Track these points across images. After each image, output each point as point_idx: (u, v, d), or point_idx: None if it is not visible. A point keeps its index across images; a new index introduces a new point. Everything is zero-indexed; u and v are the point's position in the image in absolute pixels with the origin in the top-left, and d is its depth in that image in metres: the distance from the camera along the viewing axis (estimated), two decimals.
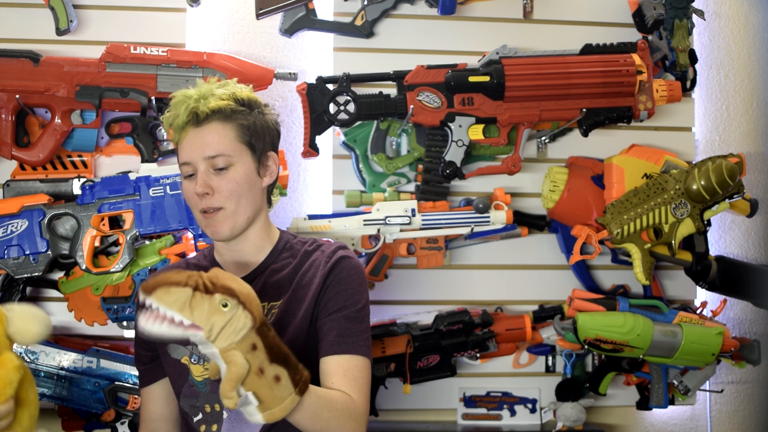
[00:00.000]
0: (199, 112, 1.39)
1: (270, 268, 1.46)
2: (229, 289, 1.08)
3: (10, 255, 1.77)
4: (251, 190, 1.43)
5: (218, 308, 1.06)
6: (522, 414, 2.04)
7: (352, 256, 1.45)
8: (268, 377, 1.11)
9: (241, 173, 1.41)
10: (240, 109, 1.42)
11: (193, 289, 1.05)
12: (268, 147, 1.47)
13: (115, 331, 1.90)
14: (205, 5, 1.97)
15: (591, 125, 1.93)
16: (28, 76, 1.80)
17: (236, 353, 1.08)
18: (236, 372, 1.07)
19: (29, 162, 1.84)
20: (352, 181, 2.00)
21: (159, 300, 1.04)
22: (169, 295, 1.04)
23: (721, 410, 2.18)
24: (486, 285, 2.05)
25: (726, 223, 2.18)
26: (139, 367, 1.53)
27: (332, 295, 1.40)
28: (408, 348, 1.89)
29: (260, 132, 1.44)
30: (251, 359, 1.09)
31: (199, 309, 1.05)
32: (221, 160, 1.39)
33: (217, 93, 1.41)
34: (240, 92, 1.44)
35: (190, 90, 1.43)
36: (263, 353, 1.11)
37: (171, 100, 1.44)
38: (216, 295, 1.07)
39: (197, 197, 1.40)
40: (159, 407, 1.50)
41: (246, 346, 1.09)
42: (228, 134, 1.40)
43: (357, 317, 1.40)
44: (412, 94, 1.90)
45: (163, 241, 1.84)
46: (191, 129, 1.40)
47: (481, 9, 2.07)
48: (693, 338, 1.86)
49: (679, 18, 2.04)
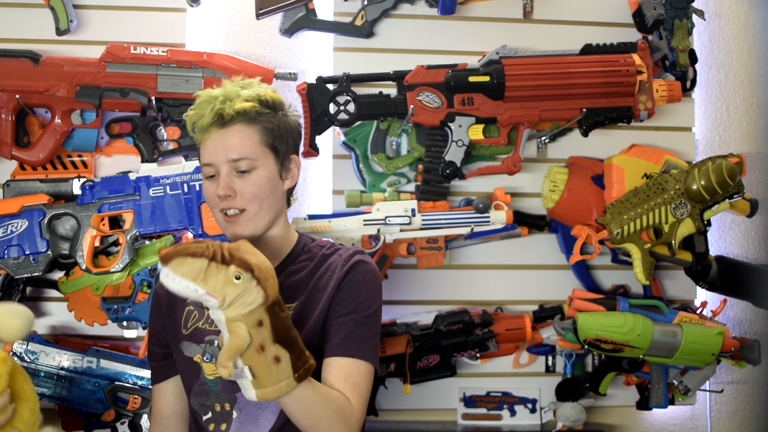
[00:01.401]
0: (225, 113, 1.38)
1: (287, 270, 1.45)
2: (245, 263, 1.10)
3: (10, 255, 1.77)
4: (273, 193, 1.42)
5: (231, 279, 1.09)
6: (522, 414, 2.04)
7: (368, 261, 1.45)
8: (268, 356, 1.13)
9: (264, 177, 1.40)
10: (265, 111, 1.41)
11: (210, 259, 1.08)
12: (291, 150, 1.46)
13: (115, 331, 1.90)
14: (205, 5, 1.97)
15: (591, 125, 1.93)
16: (28, 76, 1.80)
17: (240, 325, 1.11)
18: (236, 343, 1.10)
19: (29, 162, 1.84)
20: (352, 181, 2.00)
21: (174, 270, 1.08)
22: (184, 265, 1.07)
23: (721, 410, 2.18)
24: (486, 285, 2.05)
25: (726, 223, 2.18)
26: (151, 363, 1.53)
27: (344, 297, 1.40)
28: (408, 348, 1.89)
29: (284, 135, 1.43)
30: (254, 334, 1.12)
31: (214, 279, 1.08)
32: (245, 164, 1.38)
33: (243, 94, 1.39)
34: (265, 93, 1.42)
35: (215, 90, 1.41)
36: (268, 331, 1.13)
37: (195, 98, 1.43)
38: (231, 266, 1.09)
39: (218, 198, 1.40)
40: (171, 404, 1.50)
41: (252, 320, 1.11)
42: (252, 137, 1.39)
43: (366, 322, 1.39)
44: (412, 94, 1.90)
45: (163, 241, 1.84)
46: (215, 130, 1.39)
47: (481, 9, 2.07)
48: (693, 338, 1.86)
49: (679, 18, 2.04)
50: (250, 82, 1.45)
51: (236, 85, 1.43)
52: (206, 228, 1.80)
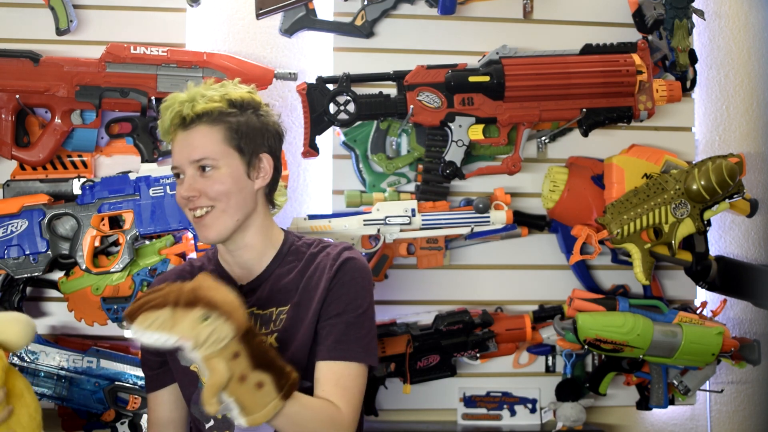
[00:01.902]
0: (185, 115, 1.37)
1: (275, 273, 1.45)
2: (209, 302, 1.11)
3: (10, 255, 1.77)
4: (241, 192, 1.40)
5: (199, 321, 1.10)
6: (522, 414, 2.04)
7: (357, 257, 1.44)
8: (250, 384, 1.15)
9: (227, 175, 1.38)
10: (230, 111, 1.39)
11: (174, 306, 1.09)
12: (261, 149, 1.42)
13: (115, 331, 1.90)
14: (205, 5, 1.97)
15: (591, 125, 1.93)
16: (28, 76, 1.80)
17: (218, 361, 1.12)
18: (217, 380, 1.12)
19: (29, 162, 1.84)
20: (352, 181, 2.00)
21: (141, 326, 1.09)
22: (149, 320, 1.09)
23: (721, 410, 2.18)
24: (486, 285, 2.05)
25: (726, 223, 2.18)
26: (146, 372, 1.52)
27: (334, 298, 1.39)
28: (408, 348, 1.89)
29: (252, 134, 1.40)
30: (233, 367, 1.13)
31: (181, 325, 1.10)
32: (207, 162, 1.37)
33: (207, 95, 1.38)
34: (233, 93, 1.41)
35: (181, 93, 1.41)
36: (246, 360, 1.14)
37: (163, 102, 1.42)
38: (196, 309, 1.10)
39: (184, 200, 1.39)
40: (167, 412, 1.49)
41: (228, 354, 1.13)
42: (214, 137, 1.37)
43: (357, 322, 1.39)
44: (412, 94, 1.89)
45: (163, 241, 1.84)
46: (179, 132, 1.39)
47: (481, 9, 2.07)
48: (693, 338, 1.86)
49: (679, 18, 2.04)
50: (224, 83, 1.44)
51: (202, 86, 1.42)
52: None
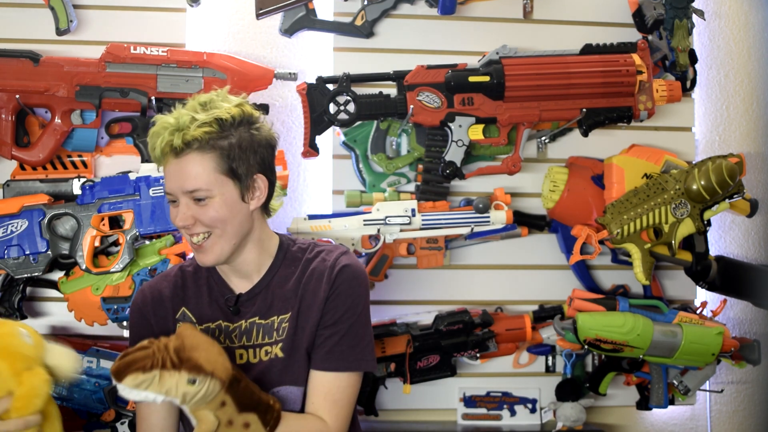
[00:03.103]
0: (175, 145, 1.33)
1: (273, 281, 1.46)
2: (195, 366, 1.18)
3: (10, 255, 1.77)
4: (236, 217, 1.38)
5: (185, 383, 1.17)
6: (522, 414, 2.04)
7: (353, 263, 1.45)
8: (238, 426, 1.24)
9: (221, 204, 1.36)
10: (221, 135, 1.34)
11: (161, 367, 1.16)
12: (254, 169, 1.39)
13: (115, 331, 1.90)
14: (205, 5, 1.97)
15: (591, 125, 1.93)
16: (28, 76, 1.80)
17: (206, 413, 1.21)
18: (206, 429, 1.20)
19: (29, 162, 1.84)
20: (352, 181, 2.00)
21: (129, 386, 1.15)
22: (137, 380, 1.15)
23: (721, 410, 2.18)
24: (486, 285, 2.05)
25: (726, 223, 2.18)
26: None
27: (330, 308, 1.41)
28: (408, 348, 1.89)
29: (244, 155, 1.37)
30: (220, 414, 1.22)
31: (168, 385, 1.16)
32: (200, 194, 1.35)
33: (198, 119, 1.33)
34: (223, 112, 1.35)
35: (170, 118, 1.35)
36: (232, 407, 1.23)
37: (152, 126, 1.38)
38: (182, 371, 1.17)
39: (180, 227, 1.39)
40: (160, 420, 1.46)
41: (215, 404, 1.21)
42: (206, 165, 1.34)
43: (352, 331, 1.41)
44: (412, 94, 1.89)
45: (163, 241, 1.84)
46: (171, 159, 1.36)
47: (481, 9, 2.07)
48: (693, 338, 1.86)
49: (679, 18, 2.04)
50: (211, 100, 1.37)
51: (193, 108, 1.36)
52: None
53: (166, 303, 1.48)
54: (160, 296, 1.49)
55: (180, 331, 1.23)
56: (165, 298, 1.48)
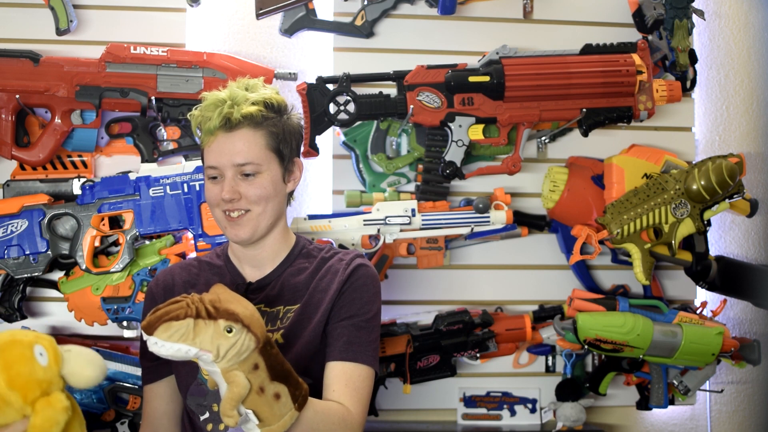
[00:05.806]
0: (232, 118, 1.39)
1: (286, 272, 1.48)
2: (232, 314, 1.10)
3: (10, 255, 1.77)
4: (277, 196, 1.45)
5: (223, 334, 1.08)
6: (522, 414, 2.04)
7: (369, 266, 1.48)
8: (269, 395, 1.14)
9: (269, 180, 1.43)
10: (270, 115, 1.43)
11: (195, 317, 1.07)
12: (294, 153, 1.49)
13: (115, 331, 1.90)
14: (205, 5, 1.97)
15: (591, 125, 1.93)
16: (28, 76, 1.80)
17: (238, 373, 1.11)
18: (237, 392, 1.10)
19: (29, 162, 1.84)
20: (352, 181, 2.00)
21: (161, 337, 1.06)
22: (170, 330, 1.06)
23: (721, 410, 2.18)
24: (486, 285, 2.05)
25: (726, 223, 2.18)
26: (144, 363, 1.52)
27: (346, 301, 1.42)
28: (408, 348, 1.89)
29: (288, 138, 1.46)
30: (252, 378, 1.12)
31: (203, 335, 1.07)
32: (250, 168, 1.41)
33: (250, 98, 1.41)
34: (270, 97, 1.44)
35: (222, 92, 1.42)
36: (265, 372, 1.14)
37: (200, 99, 1.44)
38: (220, 321, 1.09)
39: (223, 201, 1.41)
40: (163, 404, 1.50)
41: (248, 366, 1.12)
42: (258, 141, 1.41)
43: (366, 327, 1.42)
44: (412, 94, 1.89)
45: (163, 241, 1.84)
46: (222, 134, 1.41)
47: (481, 9, 2.07)
48: (693, 338, 1.86)
49: (679, 18, 2.04)
50: (254, 84, 1.46)
51: (242, 87, 1.44)
52: (206, 228, 1.80)
53: (177, 289, 1.49)
54: (172, 282, 1.52)
55: (214, 288, 1.17)
56: (176, 284, 1.51)
